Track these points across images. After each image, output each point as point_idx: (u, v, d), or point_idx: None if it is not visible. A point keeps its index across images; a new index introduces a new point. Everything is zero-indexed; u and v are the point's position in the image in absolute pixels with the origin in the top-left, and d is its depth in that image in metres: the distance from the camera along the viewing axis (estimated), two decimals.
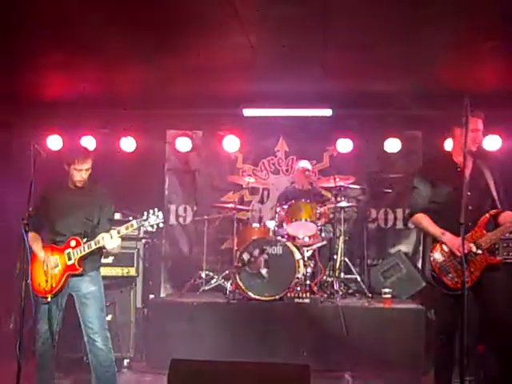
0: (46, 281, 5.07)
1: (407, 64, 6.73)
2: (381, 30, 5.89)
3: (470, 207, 4.52)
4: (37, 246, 5.17)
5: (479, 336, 5.67)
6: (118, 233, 5.01)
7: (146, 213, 5.02)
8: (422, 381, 5.84)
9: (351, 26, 5.83)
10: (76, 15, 5.59)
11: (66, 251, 5.08)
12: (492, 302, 4.62)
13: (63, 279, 5.08)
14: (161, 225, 5.07)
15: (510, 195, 4.90)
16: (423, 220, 4.89)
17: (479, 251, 4.62)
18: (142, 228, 5.32)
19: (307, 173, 8.40)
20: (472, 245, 4.63)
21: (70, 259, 5.06)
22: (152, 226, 5.03)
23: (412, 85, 7.16)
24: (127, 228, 5.00)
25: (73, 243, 5.07)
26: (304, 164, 8.51)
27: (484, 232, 4.66)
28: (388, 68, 6.88)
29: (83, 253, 5.03)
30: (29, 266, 4.89)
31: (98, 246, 5.00)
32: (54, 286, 5.06)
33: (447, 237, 4.68)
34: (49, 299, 5.03)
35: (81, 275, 5.11)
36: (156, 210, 5.03)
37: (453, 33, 5.88)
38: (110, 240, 4.97)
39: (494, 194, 4.77)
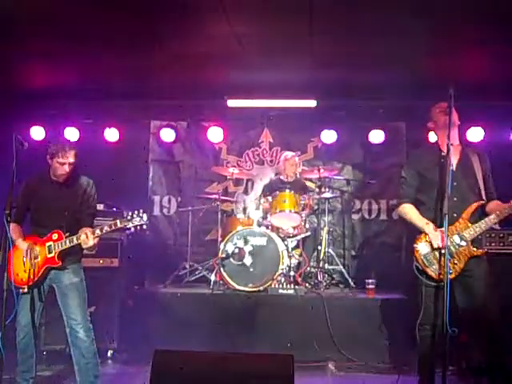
0: (25, 271, 5.03)
1: (392, 55, 6.74)
2: (366, 20, 5.90)
3: (455, 198, 4.54)
4: (18, 237, 5.12)
5: (462, 326, 5.72)
6: (101, 231, 4.96)
7: (130, 213, 4.97)
8: (406, 370, 5.87)
9: (337, 15, 5.82)
10: (59, 6, 5.56)
11: (47, 244, 5.03)
12: (476, 293, 4.64)
13: (42, 271, 5.03)
14: (144, 226, 5.04)
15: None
16: (409, 210, 4.89)
17: (463, 243, 4.63)
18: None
19: (294, 162, 8.44)
20: (456, 236, 4.63)
21: (50, 252, 5.01)
22: (135, 227, 5.01)
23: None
24: (110, 227, 4.95)
25: (55, 236, 5.02)
26: (292, 153, 8.54)
27: (468, 224, 4.66)
28: (372, 59, 6.88)
29: (64, 247, 4.98)
30: (8, 257, 4.81)
31: (79, 241, 4.95)
32: (32, 277, 5.01)
33: (430, 228, 4.69)
34: (26, 290, 4.97)
35: (61, 268, 5.07)
36: (141, 211, 4.99)
37: (438, 24, 5.89)
38: (88, 239, 4.92)
39: (481, 185, 4.78)
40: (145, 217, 4.98)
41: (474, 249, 4.63)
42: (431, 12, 5.62)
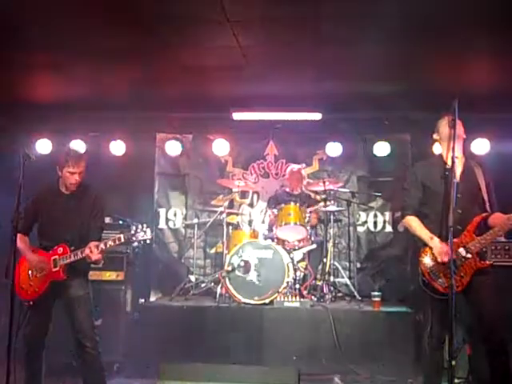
0: (30, 285, 5.06)
1: (397, 66, 6.76)
2: (371, 32, 5.91)
3: (459, 210, 4.53)
4: (25, 248, 5.14)
5: (468, 338, 5.70)
6: (105, 245, 4.97)
7: (134, 227, 4.99)
8: (411, 383, 5.86)
9: (341, 28, 5.85)
10: (64, 18, 5.59)
11: (53, 258, 5.04)
12: (482, 305, 4.63)
13: (46, 285, 5.05)
14: (148, 241, 5.05)
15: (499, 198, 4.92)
16: (413, 223, 4.88)
17: (469, 255, 4.61)
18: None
19: (299, 175, 8.47)
20: (462, 249, 4.61)
21: (55, 266, 5.02)
22: (139, 242, 5.02)
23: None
24: (114, 241, 4.97)
25: (60, 250, 5.04)
26: (297, 166, 8.56)
27: (473, 236, 4.64)
28: (377, 71, 6.90)
29: (68, 261, 4.99)
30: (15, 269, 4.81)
31: (83, 255, 4.95)
32: (37, 290, 5.05)
33: (434, 242, 4.68)
34: (31, 303, 5.00)
35: (67, 281, 5.07)
36: (145, 225, 5.01)
37: (443, 35, 5.91)
38: (92, 253, 4.92)
39: (485, 196, 4.77)
40: (148, 232, 5.00)
41: (481, 261, 4.62)
42: (436, 24, 5.64)
